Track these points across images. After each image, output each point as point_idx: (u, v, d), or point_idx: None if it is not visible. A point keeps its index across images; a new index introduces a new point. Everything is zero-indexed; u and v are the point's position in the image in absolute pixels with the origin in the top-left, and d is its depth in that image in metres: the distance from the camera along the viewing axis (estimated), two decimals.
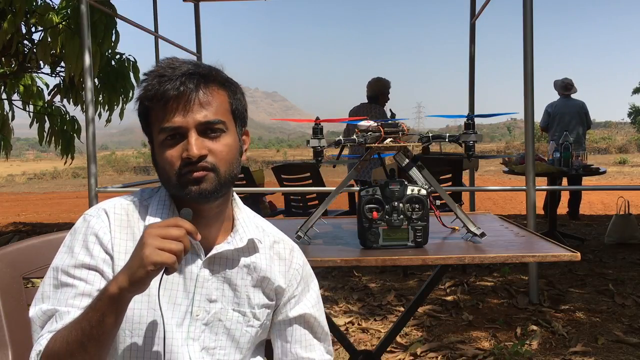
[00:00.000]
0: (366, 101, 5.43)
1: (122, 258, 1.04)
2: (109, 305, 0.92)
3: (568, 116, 6.31)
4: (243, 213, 1.18)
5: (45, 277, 1.05)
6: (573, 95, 6.42)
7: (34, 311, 1.02)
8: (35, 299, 1.04)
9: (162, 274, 0.94)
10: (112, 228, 1.06)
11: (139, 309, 1.03)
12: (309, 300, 1.22)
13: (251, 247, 1.15)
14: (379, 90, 5.39)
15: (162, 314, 1.02)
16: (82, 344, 0.93)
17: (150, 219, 1.08)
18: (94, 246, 1.04)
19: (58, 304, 1.01)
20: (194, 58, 5.98)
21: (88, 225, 1.06)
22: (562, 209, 6.90)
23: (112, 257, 1.05)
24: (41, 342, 0.98)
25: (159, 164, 1.07)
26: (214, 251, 1.10)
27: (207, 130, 1.04)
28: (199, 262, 1.09)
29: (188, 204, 1.05)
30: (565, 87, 6.33)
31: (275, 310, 1.20)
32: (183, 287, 1.08)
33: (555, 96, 6.49)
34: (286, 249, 1.21)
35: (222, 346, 1.11)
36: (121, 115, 5.83)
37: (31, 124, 6.03)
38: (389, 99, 5.47)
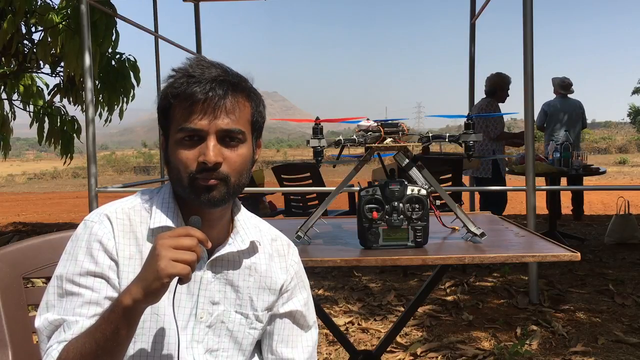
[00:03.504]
0: (484, 96, 5.38)
1: (126, 263, 1.04)
2: (123, 317, 0.91)
3: (566, 115, 6.26)
4: (242, 214, 1.18)
5: (49, 286, 1.04)
6: (569, 95, 6.39)
7: (39, 321, 1.01)
8: (40, 308, 1.03)
9: (176, 284, 0.94)
10: (116, 234, 1.05)
11: (142, 314, 1.02)
12: (301, 297, 1.22)
13: (251, 248, 1.15)
14: (496, 85, 5.31)
15: (176, 321, 1.02)
16: (96, 355, 0.92)
17: (155, 223, 1.07)
18: (98, 253, 1.03)
19: (65, 314, 0.99)
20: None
21: (90, 232, 1.05)
22: (566, 209, 6.90)
23: (117, 263, 1.04)
24: (52, 353, 0.97)
25: (172, 162, 1.06)
26: (217, 253, 1.10)
27: (227, 137, 1.04)
28: (202, 264, 1.09)
29: (191, 206, 1.06)
30: (565, 86, 6.27)
31: None
32: (187, 290, 1.07)
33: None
34: (284, 245, 1.22)
35: (225, 348, 1.11)
36: (121, 115, 5.81)
37: (31, 124, 6.03)
38: (509, 95, 5.38)
